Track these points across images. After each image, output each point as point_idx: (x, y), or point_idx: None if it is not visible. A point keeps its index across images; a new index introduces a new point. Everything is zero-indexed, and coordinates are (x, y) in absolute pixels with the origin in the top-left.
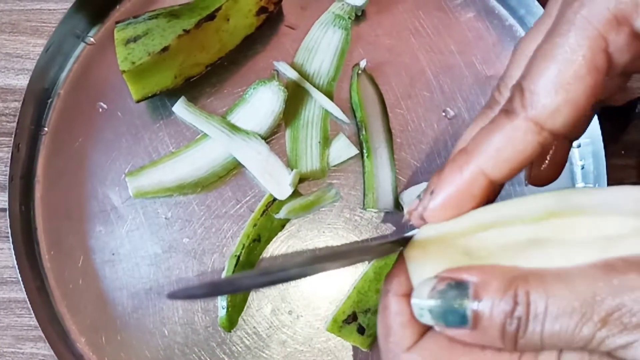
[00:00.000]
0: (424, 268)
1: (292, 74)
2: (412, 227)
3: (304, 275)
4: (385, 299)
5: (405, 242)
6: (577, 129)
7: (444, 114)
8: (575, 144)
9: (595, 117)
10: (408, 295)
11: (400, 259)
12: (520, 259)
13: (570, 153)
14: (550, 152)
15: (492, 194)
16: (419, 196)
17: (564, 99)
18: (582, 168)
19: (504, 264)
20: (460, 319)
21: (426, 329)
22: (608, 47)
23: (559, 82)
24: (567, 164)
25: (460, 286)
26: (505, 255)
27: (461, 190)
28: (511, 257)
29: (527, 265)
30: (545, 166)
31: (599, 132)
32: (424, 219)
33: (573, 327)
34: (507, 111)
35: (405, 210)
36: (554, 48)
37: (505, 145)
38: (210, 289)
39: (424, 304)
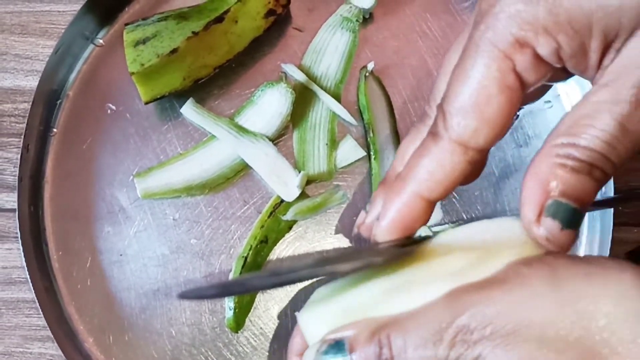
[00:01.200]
0: (313, 329)
1: (300, 76)
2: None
3: (314, 277)
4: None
5: (415, 243)
6: (501, 137)
7: None
8: None
9: None
10: None
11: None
12: (388, 307)
13: None
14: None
15: (432, 209)
16: (365, 209)
17: (480, 119)
18: None
19: (375, 315)
20: None
21: None
22: (515, 67)
23: (474, 103)
24: None
25: (338, 344)
26: (376, 306)
27: (402, 214)
28: (382, 307)
29: (395, 311)
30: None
31: None
32: (370, 232)
33: (430, 356)
34: (433, 134)
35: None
36: (466, 70)
37: (435, 167)
38: (220, 290)
39: None
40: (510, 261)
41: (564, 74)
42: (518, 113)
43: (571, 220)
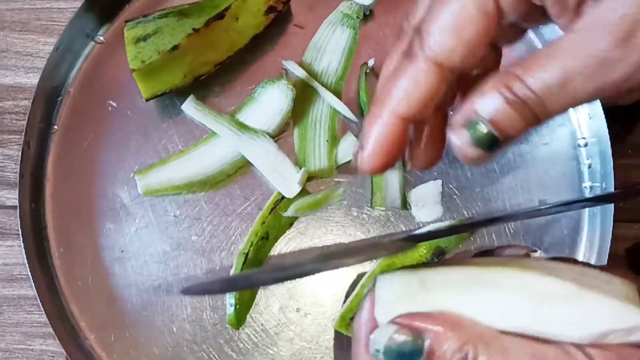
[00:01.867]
0: (386, 306)
1: (301, 73)
2: (422, 225)
3: (319, 271)
4: (358, 333)
5: (417, 239)
6: (472, 66)
7: (451, 112)
8: (582, 143)
9: (603, 117)
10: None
11: (369, 296)
12: (465, 295)
13: (578, 152)
14: (426, 130)
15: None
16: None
17: (458, 39)
18: (589, 167)
19: (452, 299)
20: None
21: None
22: None
23: (452, 25)
24: (575, 164)
25: (416, 339)
26: (453, 291)
27: (384, 135)
28: (458, 294)
29: (470, 302)
30: (423, 145)
31: (606, 132)
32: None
33: None
34: (409, 54)
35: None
36: None
37: (411, 86)
38: (225, 285)
39: (381, 346)
40: (602, 331)
41: (540, 16)
42: (499, 47)
43: (482, 141)
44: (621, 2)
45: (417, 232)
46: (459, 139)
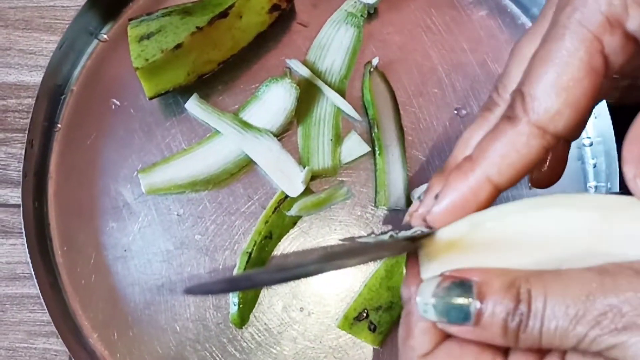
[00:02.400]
0: (433, 266)
1: (304, 72)
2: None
3: (322, 271)
4: (409, 304)
5: (420, 239)
6: (579, 129)
7: (455, 112)
8: (587, 142)
9: (608, 116)
10: None
11: (412, 262)
12: (522, 220)
13: (583, 152)
14: (550, 154)
15: (495, 198)
16: (419, 197)
17: (564, 101)
18: (594, 167)
19: (507, 228)
20: (464, 316)
21: (444, 338)
22: (604, 49)
23: (558, 86)
24: (579, 163)
25: (463, 285)
26: (507, 220)
27: (466, 196)
28: (513, 222)
29: (528, 226)
30: (546, 169)
31: (612, 131)
32: (425, 221)
33: (567, 325)
34: (510, 117)
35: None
36: (551, 52)
37: (509, 150)
38: (227, 285)
39: (429, 300)
40: None
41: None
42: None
43: None
44: None
45: (417, 232)
46: None
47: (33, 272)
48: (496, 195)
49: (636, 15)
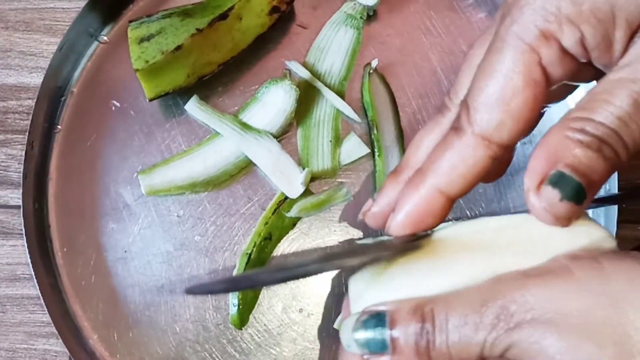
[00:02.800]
0: (358, 299)
1: (304, 73)
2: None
3: (322, 271)
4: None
5: (419, 238)
6: (525, 134)
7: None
8: None
9: None
10: None
11: (346, 299)
12: (428, 286)
13: None
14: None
15: (450, 207)
16: (373, 197)
17: (506, 113)
18: None
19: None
20: (381, 346)
21: None
22: (541, 60)
23: (499, 98)
24: None
25: (378, 316)
26: (418, 285)
27: (420, 208)
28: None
29: (435, 291)
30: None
31: None
32: (377, 221)
33: (469, 334)
34: (456, 128)
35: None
36: (492, 64)
37: (457, 162)
38: (228, 285)
39: (350, 335)
40: (555, 255)
41: (589, 71)
42: (543, 111)
43: (572, 193)
44: None
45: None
46: (544, 199)
47: (33, 273)
48: (450, 204)
49: (570, 33)
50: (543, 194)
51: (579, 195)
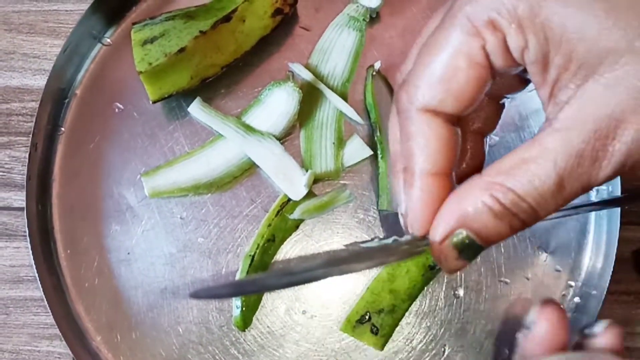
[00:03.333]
0: None
1: (307, 75)
2: None
3: (328, 276)
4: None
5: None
6: (483, 120)
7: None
8: None
9: None
10: None
11: None
12: None
13: None
14: (469, 153)
15: (451, 185)
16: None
17: (446, 91)
18: None
19: None
20: None
21: None
22: (485, 45)
23: (440, 76)
24: None
25: None
26: None
27: (425, 199)
28: None
29: None
30: (465, 166)
31: None
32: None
33: None
34: (400, 111)
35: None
36: (438, 41)
37: (422, 143)
38: (234, 289)
39: None
40: None
41: (522, 82)
42: (502, 102)
43: (469, 254)
44: (600, 99)
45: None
46: (444, 253)
47: (37, 275)
48: (450, 181)
49: (516, 37)
50: (444, 248)
51: (474, 254)
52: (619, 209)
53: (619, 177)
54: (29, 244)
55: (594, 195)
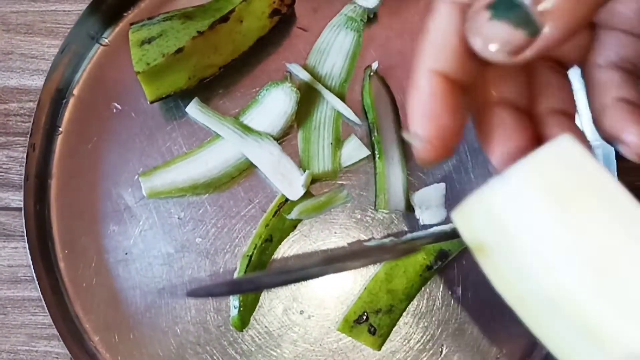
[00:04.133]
0: None
1: (305, 76)
2: (427, 227)
3: (324, 274)
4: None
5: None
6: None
7: None
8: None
9: None
10: None
11: None
12: None
13: None
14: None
15: (457, 95)
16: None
17: None
18: None
19: None
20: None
21: None
22: None
23: None
24: None
25: None
26: None
27: (428, 102)
28: None
29: None
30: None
31: None
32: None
33: None
34: (430, 9)
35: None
36: None
37: (437, 35)
38: (230, 287)
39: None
40: None
41: None
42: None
43: (521, 17)
44: None
45: (421, 233)
46: (490, 27)
47: (34, 275)
48: (456, 90)
49: None
50: (491, 23)
51: (529, 23)
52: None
53: (616, 176)
54: (27, 244)
55: None
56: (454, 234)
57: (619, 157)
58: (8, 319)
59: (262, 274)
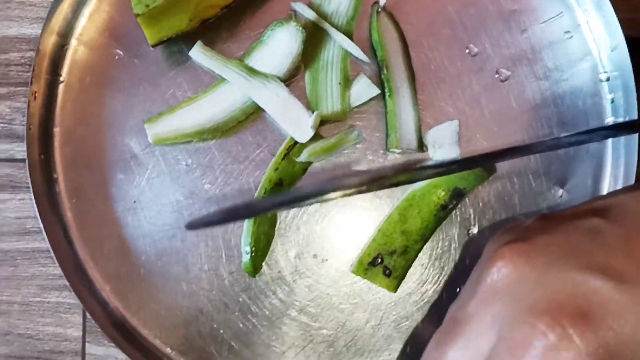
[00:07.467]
0: None
1: (310, 14)
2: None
3: (321, 194)
4: None
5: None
6: None
7: (467, 50)
8: (603, 77)
9: (625, 49)
10: None
11: None
12: None
13: (599, 87)
14: None
15: None
16: None
17: None
18: (612, 102)
19: None
20: None
21: None
22: None
23: None
24: (597, 99)
25: None
26: None
27: None
28: None
29: None
30: None
31: (629, 64)
32: None
33: None
34: None
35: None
36: None
37: None
38: (227, 214)
39: None
40: None
41: None
42: None
43: None
44: None
45: (429, 163)
46: None
47: (42, 226)
48: None
49: None
50: None
51: None
52: (636, 138)
53: (636, 106)
54: (33, 194)
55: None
56: (466, 164)
57: (638, 88)
58: (18, 270)
59: (258, 199)
